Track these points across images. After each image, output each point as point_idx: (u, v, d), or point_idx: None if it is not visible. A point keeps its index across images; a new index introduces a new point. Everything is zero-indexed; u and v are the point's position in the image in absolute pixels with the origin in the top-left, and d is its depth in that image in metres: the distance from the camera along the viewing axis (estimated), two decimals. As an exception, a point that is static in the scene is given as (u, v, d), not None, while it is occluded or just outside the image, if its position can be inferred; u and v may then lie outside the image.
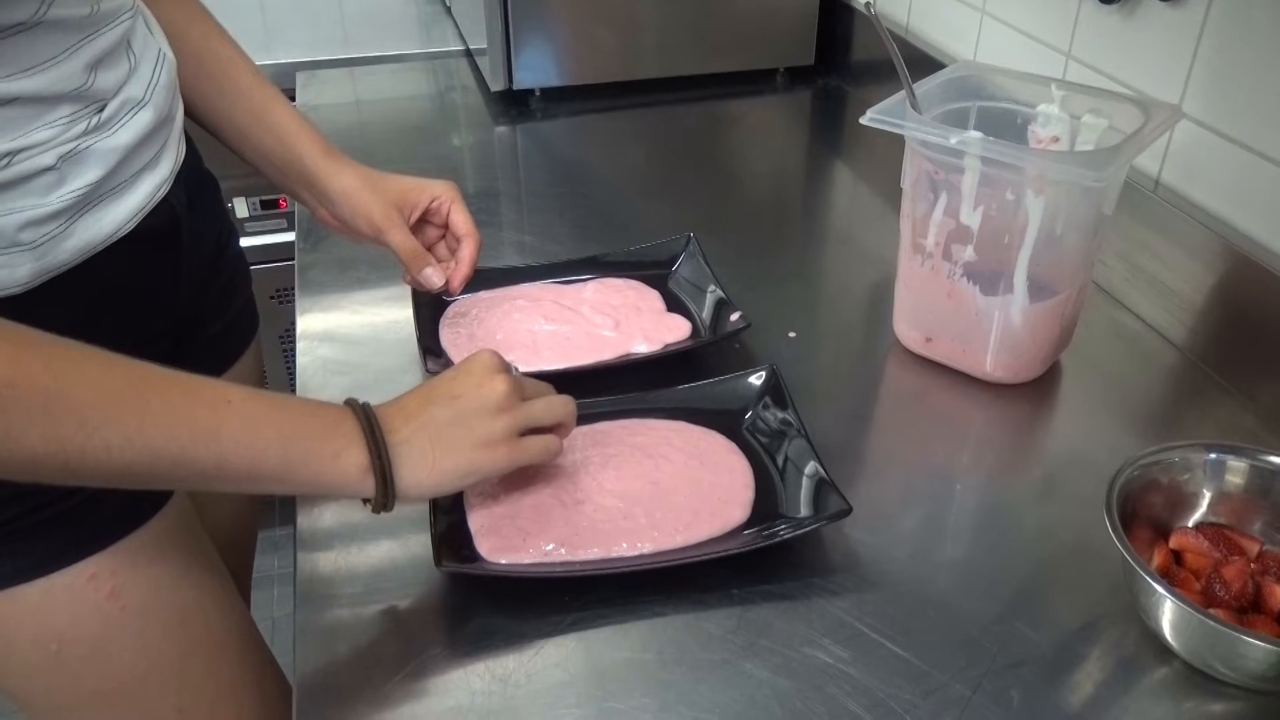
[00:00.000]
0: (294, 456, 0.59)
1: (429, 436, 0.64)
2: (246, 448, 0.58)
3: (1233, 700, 0.62)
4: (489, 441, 0.65)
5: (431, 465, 0.64)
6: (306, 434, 0.60)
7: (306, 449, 0.60)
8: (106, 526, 0.71)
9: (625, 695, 0.61)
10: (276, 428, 0.59)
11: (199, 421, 0.56)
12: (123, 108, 0.69)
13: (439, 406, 0.65)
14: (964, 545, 0.73)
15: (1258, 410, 0.86)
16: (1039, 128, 0.89)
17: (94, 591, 0.70)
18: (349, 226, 0.86)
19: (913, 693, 0.61)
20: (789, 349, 0.93)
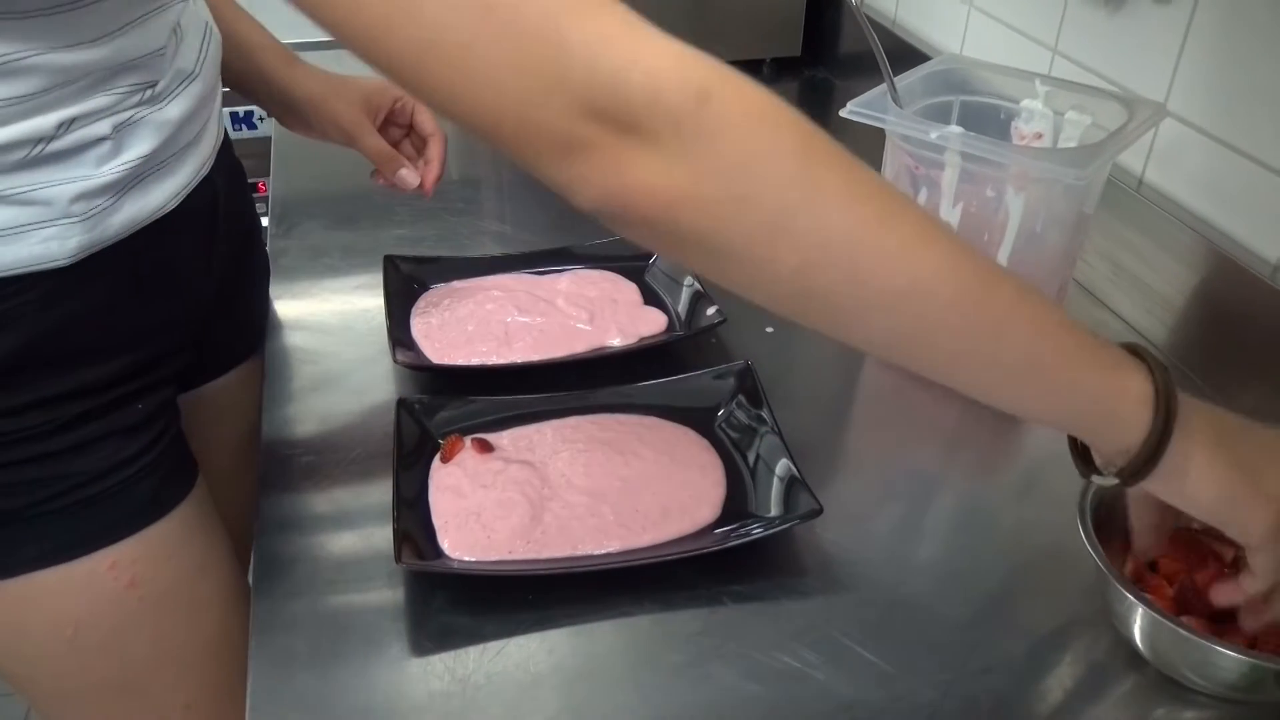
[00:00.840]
0: (1046, 402, 0.53)
1: (1222, 439, 0.54)
2: (1015, 385, 0.52)
3: (1204, 709, 0.61)
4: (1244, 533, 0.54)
5: (1208, 463, 0.53)
6: (1081, 401, 0.52)
7: (1071, 401, 0.52)
8: (132, 515, 0.70)
9: (589, 697, 0.60)
10: (1051, 375, 0.51)
11: (1020, 336, 0.50)
12: (175, 79, 0.67)
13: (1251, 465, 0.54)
14: (937, 547, 0.72)
15: (1238, 412, 0.85)
16: (1022, 123, 0.88)
17: (114, 580, 0.69)
18: (318, 133, 0.87)
19: (881, 697, 0.60)
20: (765, 344, 0.92)
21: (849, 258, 0.47)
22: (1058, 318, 0.52)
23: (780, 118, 0.46)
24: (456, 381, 0.84)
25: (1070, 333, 0.52)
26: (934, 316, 0.49)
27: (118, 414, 0.68)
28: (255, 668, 0.61)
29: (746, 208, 0.45)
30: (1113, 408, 0.52)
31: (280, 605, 0.65)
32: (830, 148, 0.47)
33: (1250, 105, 0.85)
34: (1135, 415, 0.52)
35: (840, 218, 0.47)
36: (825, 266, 0.48)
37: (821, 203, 0.46)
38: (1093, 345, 0.52)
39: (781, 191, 0.45)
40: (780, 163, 0.45)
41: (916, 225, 0.48)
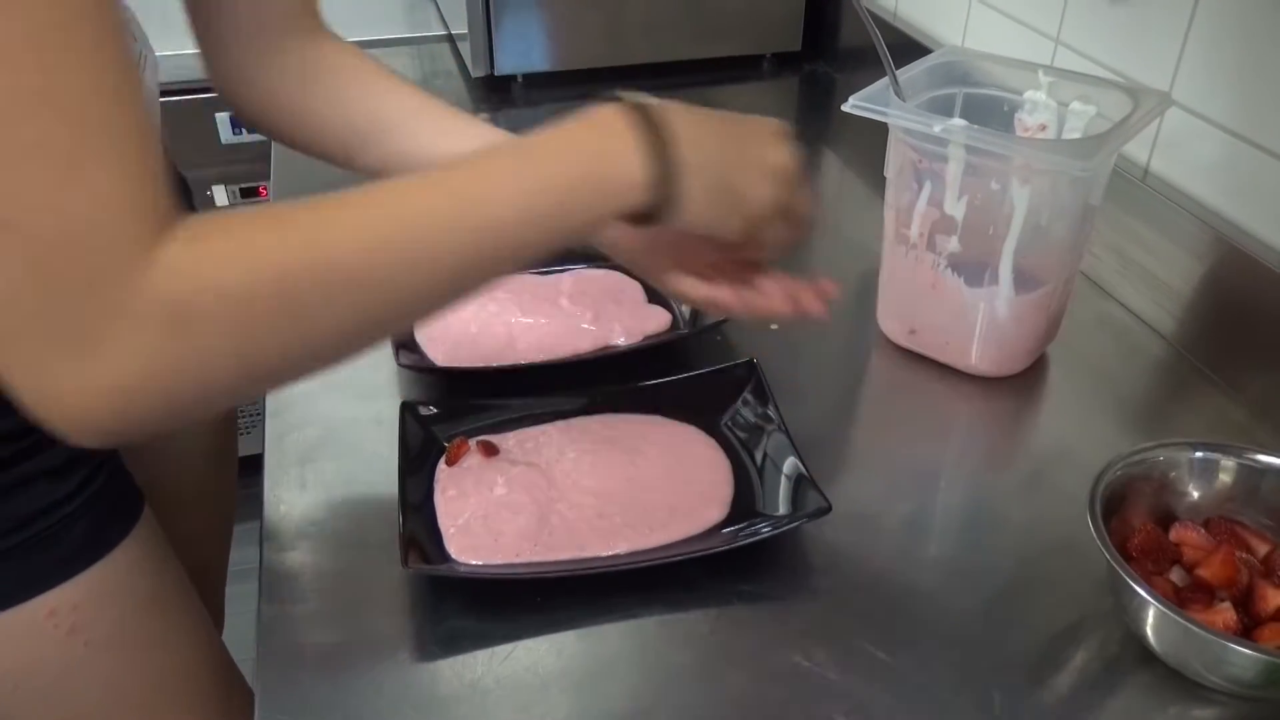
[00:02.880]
0: (574, 209, 0.55)
1: (708, 167, 0.58)
2: (532, 228, 0.53)
3: (1217, 706, 0.61)
4: (743, 208, 0.60)
5: (700, 201, 0.58)
6: (584, 177, 0.55)
7: (586, 193, 0.55)
8: (68, 558, 0.66)
9: (598, 699, 0.60)
10: (554, 184, 0.54)
11: (482, 228, 0.52)
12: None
13: (727, 144, 0.60)
14: (946, 544, 0.72)
15: (1247, 403, 0.85)
16: (1026, 115, 0.88)
17: (54, 628, 0.66)
18: None
19: (892, 696, 0.60)
20: (771, 341, 0.92)
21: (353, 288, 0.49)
22: (513, 163, 0.54)
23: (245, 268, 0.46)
24: (461, 384, 0.84)
25: (538, 163, 0.54)
26: (428, 267, 0.51)
27: (45, 454, 0.64)
28: (262, 675, 0.61)
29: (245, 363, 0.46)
30: (614, 213, 0.56)
31: (286, 611, 0.65)
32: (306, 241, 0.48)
33: (1256, 93, 0.84)
34: (634, 204, 0.56)
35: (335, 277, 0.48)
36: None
37: (312, 326, 0.48)
38: (567, 148, 0.55)
39: (275, 345, 0.47)
40: (264, 329, 0.46)
41: (370, 226, 0.49)
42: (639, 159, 0.56)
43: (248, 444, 1.91)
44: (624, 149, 0.56)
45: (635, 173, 0.56)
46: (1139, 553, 0.64)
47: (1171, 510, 0.68)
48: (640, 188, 0.56)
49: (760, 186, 0.61)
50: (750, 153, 0.61)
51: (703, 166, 0.58)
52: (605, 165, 0.55)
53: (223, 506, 1.02)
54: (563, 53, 1.46)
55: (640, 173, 0.56)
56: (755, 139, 0.61)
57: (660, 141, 0.56)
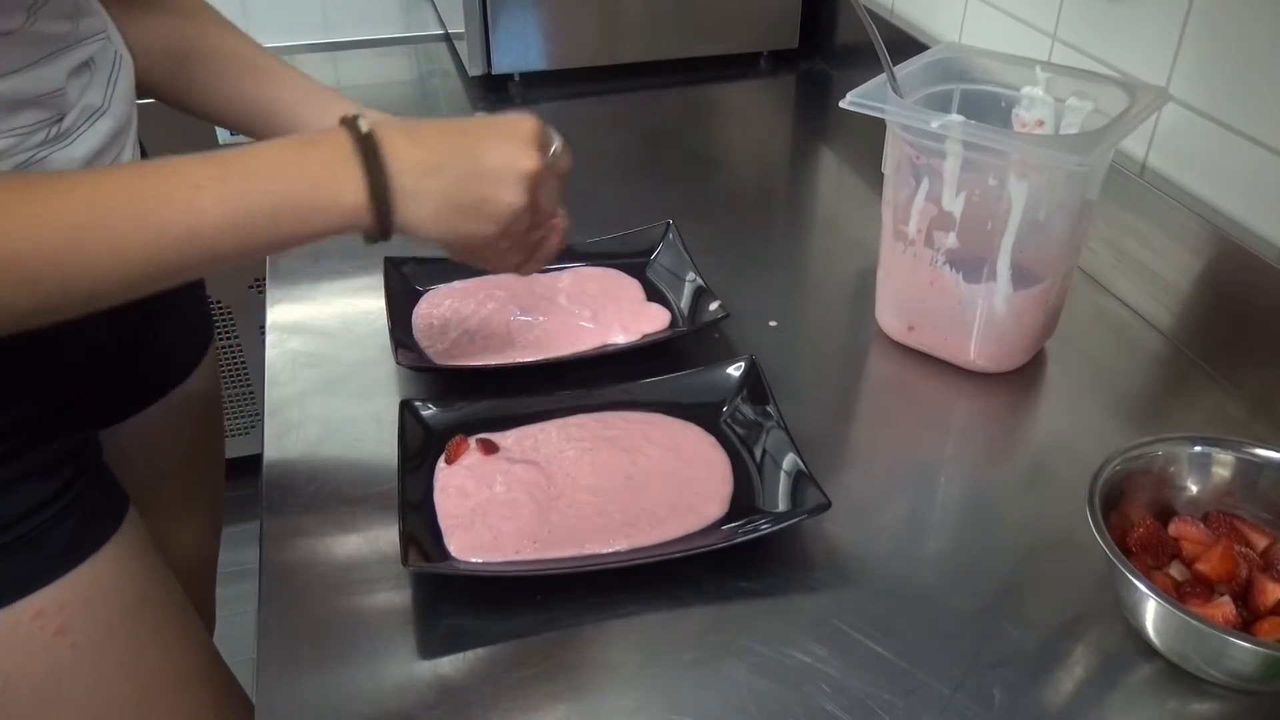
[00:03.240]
0: (283, 223, 0.57)
1: (438, 188, 0.60)
2: (233, 232, 0.55)
3: (1217, 700, 0.61)
4: (494, 216, 0.63)
5: (432, 218, 0.61)
6: (295, 194, 0.57)
7: (297, 208, 0.57)
8: (54, 559, 0.66)
9: (598, 697, 0.60)
10: (260, 200, 0.56)
11: (176, 224, 0.53)
12: (81, 116, 0.66)
13: (458, 160, 0.61)
14: (946, 539, 0.72)
15: (1245, 398, 0.85)
16: (1023, 111, 0.88)
17: (41, 629, 0.66)
18: None
19: (892, 692, 0.60)
20: (769, 339, 0.92)
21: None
22: (231, 172, 0.56)
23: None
24: (460, 382, 0.84)
25: (254, 176, 0.56)
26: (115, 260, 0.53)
27: (28, 456, 0.65)
28: (262, 674, 0.61)
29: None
30: (333, 227, 0.58)
31: (286, 610, 0.65)
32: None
33: (1253, 88, 0.84)
34: (355, 220, 0.58)
35: None
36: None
37: (10, 303, 0.51)
38: (285, 165, 0.57)
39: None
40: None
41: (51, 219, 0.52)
42: (354, 182, 0.58)
43: (247, 444, 1.92)
44: (343, 173, 0.58)
45: (350, 195, 0.58)
46: (1138, 547, 0.64)
47: (1170, 505, 0.68)
48: (356, 210, 0.58)
49: (503, 194, 0.62)
50: (490, 162, 0.62)
51: (430, 187, 0.60)
52: (320, 188, 0.58)
53: (209, 508, 1.02)
54: (560, 52, 1.46)
55: (355, 195, 0.58)
56: (496, 146, 0.63)
57: (380, 166, 0.58)
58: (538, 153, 0.64)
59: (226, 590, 1.10)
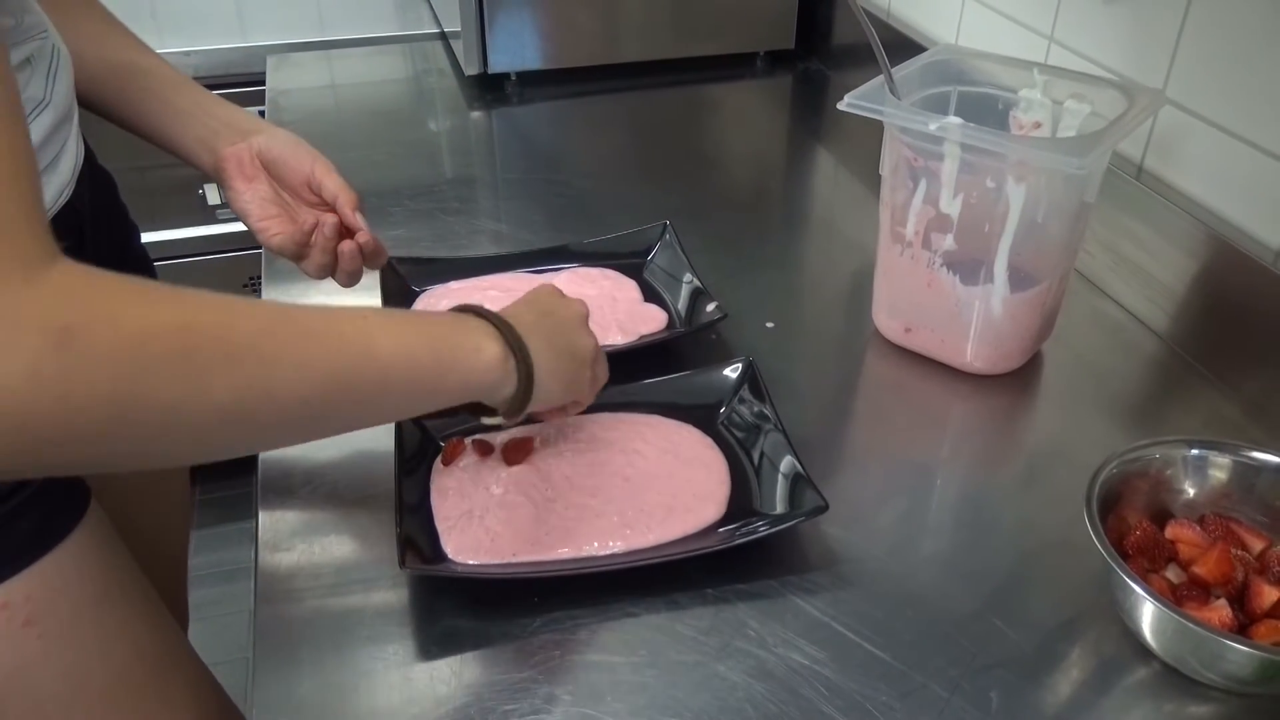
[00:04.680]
0: (443, 357, 0.59)
1: (544, 338, 0.65)
2: (403, 358, 0.57)
3: (1214, 702, 0.61)
4: (586, 358, 0.69)
5: (553, 367, 0.66)
6: (446, 334, 0.61)
7: (452, 347, 0.60)
8: (17, 551, 0.67)
9: (595, 699, 0.59)
10: (418, 333, 0.59)
11: (352, 340, 0.55)
12: (24, 108, 0.65)
13: (541, 318, 0.67)
14: (943, 541, 0.72)
15: (1240, 400, 0.85)
16: (1020, 113, 0.88)
17: (7, 621, 0.66)
18: (283, 163, 0.82)
19: (890, 694, 0.60)
20: (767, 340, 0.92)
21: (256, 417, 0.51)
22: (401, 320, 0.61)
23: (149, 331, 0.47)
24: (456, 383, 0.84)
25: (424, 350, 0.59)
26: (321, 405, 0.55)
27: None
28: (259, 676, 0.61)
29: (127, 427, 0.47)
30: (482, 384, 0.62)
31: (284, 612, 0.65)
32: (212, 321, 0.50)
33: (1249, 90, 0.85)
34: (502, 378, 0.62)
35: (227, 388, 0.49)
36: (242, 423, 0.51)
37: (209, 384, 0.48)
38: (441, 343, 0.60)
39: (168, 395, 0.47)
40: (161, 373, 0.47)
41: (291, 348, 0.53)
42: (487, 333, 0.62)
43: (241, 444, 1.91)
44: (475, 326, 0.62)
45: (490, 345, 0.62)
46: (1135, 550, 0.65)
47: (1167, 508, 0.68)
48: (500, 358, 0.62)
49: (583, 336, 0.70)
50: (561, 314, 0.69)
51: (541, 344, 0.65)
52: (464, 335, 0.62)
53: (174, 500, 1.02)
54: (556, 51, 1.46)
55: (492, 344, 0.62)
56: (553, 302, 0.70)
57: (498, 317, 0.64)
58: (575, 299, 0.72)
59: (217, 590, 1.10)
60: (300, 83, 1.49)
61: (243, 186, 0.81)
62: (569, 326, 0.69)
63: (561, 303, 0.70)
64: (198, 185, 1.64)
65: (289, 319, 0.53)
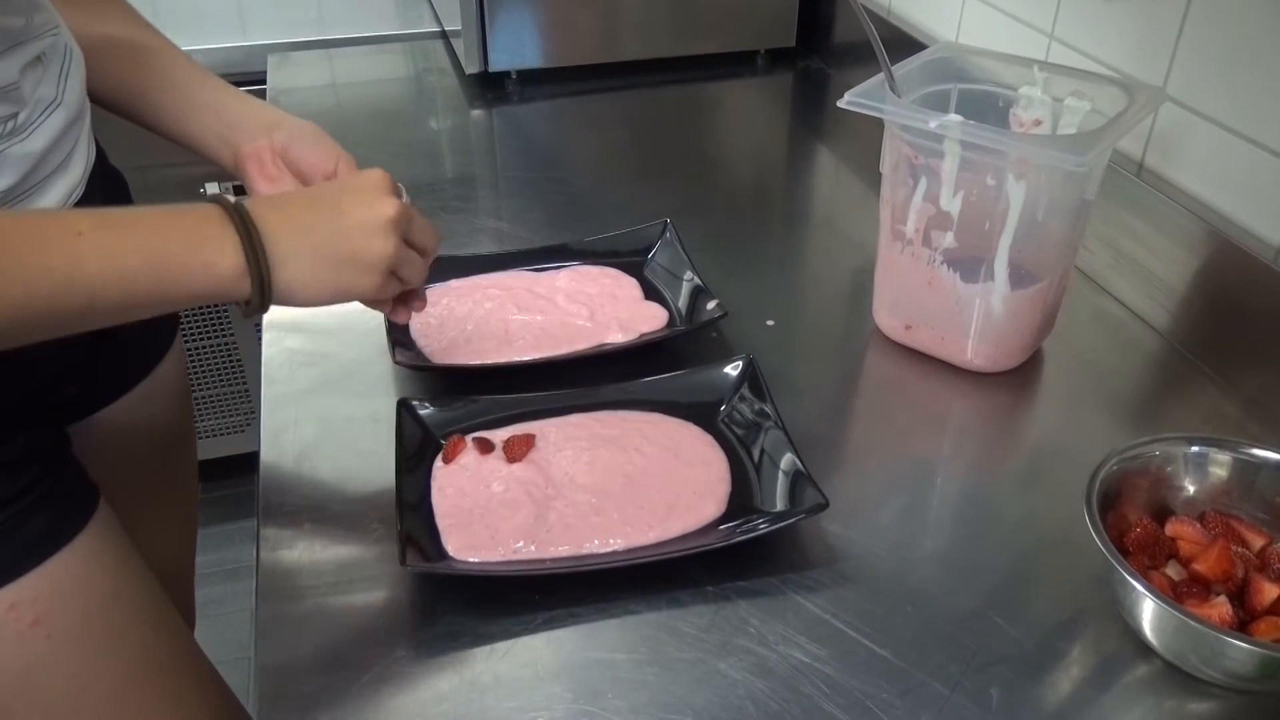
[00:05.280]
0: (163, 276, 0.57)
1: (310, 247, 0.62)
2: (114, 280, 0.56)
3: (1213, 699, 0.61)
4: (370, 266, 0.65)
5: (310, 277, 0.62)
6: (174, 249, 0.58)
7: (176, 264, 0.58)
8: (25, 552, 0.67)
9: (596, 696, 0.60)
10: (139, 251, 0.57)
11: (56, 266, 0.54)
12: (36, 109, 0.66)
13: (324, 218, 0.63)
14: (943, 539, 0.72)
15: (1241, 398, 0.85)
16: (1021, 110, 0.88)
17: (15, 621, 0.66)
18: (305, 161, 0.80)
19: (890, 691, 0.60)
20: (767, 338, 0.92)
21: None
22: (117, 235, 0.57)
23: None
24: (457, 381, 0.84)
25: (142, 270, 0.57)
26: None
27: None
28: (261, 674, 0.61)
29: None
30: (209, 296, 0.60)
31: (284, 610, 0.65)
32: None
33: (1250, 88, 0.85)
34: (233, 290, 0.60)
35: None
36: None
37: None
38: (165, 260, 0.58)
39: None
40: None
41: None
42: (230, 247, 0.59)
43: (242, 442, 1.91)
44: (219, 237, 0.59)
45: (228, 260, 0.59)
46: (1135, 548, 0.65)
47: (1167, 505, 0.68)
48: (234, 275, 0.59)
49: (375, 243, 0.65)
50: (353, 219, 0.64)
51: (302, 247, 0.62)
52: (197, 251, 0.59)
53: (181, 500, 1.02)
54: (557, 49, 1.46)
55: (232, 260, 0.59)
56: (355, 203, 0.65)
57: (253, 231, 0.60)
58: (394, 199, 0.66)
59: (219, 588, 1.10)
60: (301, 82, 1.49)
61: (267, 188, 0.79)
62: (357, 232, 0.64)
63: (364, 201, 0.65)
64: (198, 185, 1.64)
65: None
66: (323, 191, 0.66)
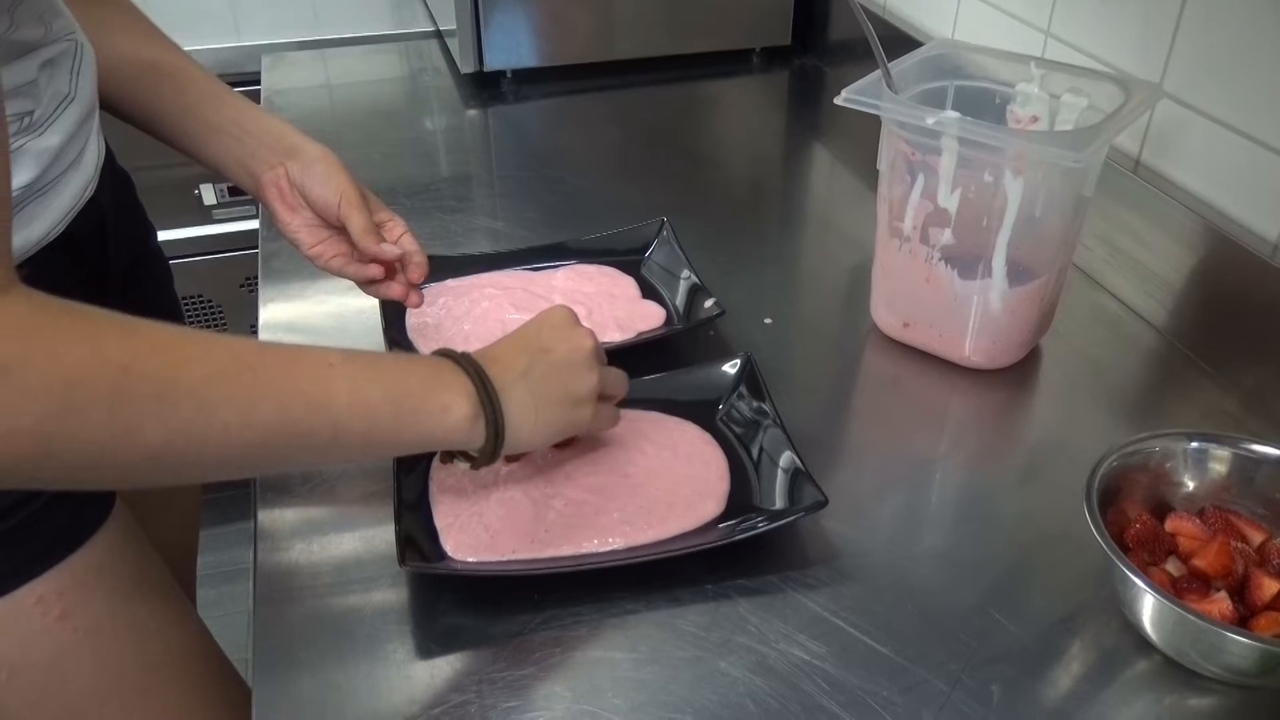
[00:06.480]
0: (404, 414, 0.59)
1: (529, 389, 0.64)
2: (360, 412, 0.57)
3: (1214, 695, 0.61)
4: (583, 399, 0.67)
5: (535, 419, 0.64)
6: (413, 389, 0.60)
7: (416, 404, 0.59)
8: (49, 547, 0.68)
9: (596, 696, 0.59)
10: (383, 386, 0.58)
11: (308, 391, 0.55)
12: (52, 103, 0.66)
13: (535, 360, 0.65)
14: (943, 536, 0.72)
15: (1239, 394, 0.85)
16: (1018, 107, 0.88)
17: (42, 615, 0.67)
18: (312, 195, 0.79)
19: (890, 689, 0.60)
20: (765, 336, 0.92)
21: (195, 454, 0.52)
22: (363, 370, 0.58)
23: (83, 371, 0.47)
24: (454, 381, 0.84)
25: (385, 405, 0.59)
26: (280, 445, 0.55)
27: None
28: (259, 675, 0.61)
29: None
30: (446, 442, 0.62)
31: (283, 612, 0.65)
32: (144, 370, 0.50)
33: (1246, 83, 0.85)
34: (469, 437, 0.62)
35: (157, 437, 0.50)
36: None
37: (139, 428, 0.49)
38: (405, 399, 0.60)
39: (92, 436, 0.48)
40: (89, 416, 0.47)
41: (242, 390, 0.53)
42: (463, 390, 0.61)
43: (239, 444, 1.90)
44: (452, 379, 0.61)
45: (462, 403, 0.61)
46: (1135, 543, 0.65)
47: (1167, 501, 0.68)
48: (469, 417, 0.61)
49: (584, 376, 0.67)
50: (560, 355, 0.66)
51: (523, 389, 0.64)
52: (434, 391, 0.61)
53: (188, 495, 1.03)
54: (552, 49, 1.46)
55: (465, 402, 0.61)
56: (557, 340, 0.67)
57: (480, 372, 0.62)
58: (584, 328, 0.68)
59: (215, 591, 1.10)
60: (295, 82, 1.48)
61: (289, 217, 0.80)
62: (566, 368, 0.66)
63: (564, 337, 0.67)
64: (194, 185, 1.64)
65: (244, 364, 0.53)
66: (525, 334, 0.68)
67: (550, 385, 0.65)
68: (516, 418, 0.63)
